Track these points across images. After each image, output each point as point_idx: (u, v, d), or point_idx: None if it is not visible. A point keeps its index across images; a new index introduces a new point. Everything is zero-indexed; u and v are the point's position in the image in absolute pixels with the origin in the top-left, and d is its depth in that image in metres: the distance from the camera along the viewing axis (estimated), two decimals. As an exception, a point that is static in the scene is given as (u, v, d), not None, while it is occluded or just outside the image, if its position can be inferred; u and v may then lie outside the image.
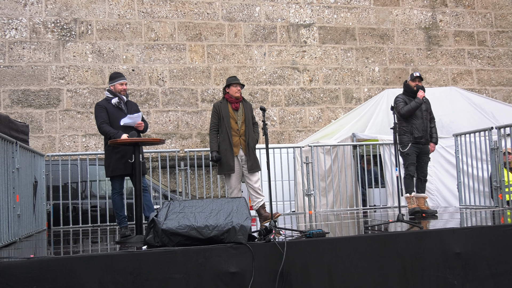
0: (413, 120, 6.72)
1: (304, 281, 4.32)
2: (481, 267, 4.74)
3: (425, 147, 6.81)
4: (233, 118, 6.50)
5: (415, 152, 6.74)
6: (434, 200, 8.99)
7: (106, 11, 11.53)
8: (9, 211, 5.16)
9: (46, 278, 3.87)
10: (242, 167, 6.52)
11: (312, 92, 12.52)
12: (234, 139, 6.46)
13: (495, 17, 13.79)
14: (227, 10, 12.19)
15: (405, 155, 6.76)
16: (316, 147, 8.68)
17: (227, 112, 6.50)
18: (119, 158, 5.76)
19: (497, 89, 13.56)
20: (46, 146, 10.94)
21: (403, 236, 4.74)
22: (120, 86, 5.92)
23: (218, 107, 6.58)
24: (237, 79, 6.65)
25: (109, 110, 5.84)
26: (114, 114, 5.83)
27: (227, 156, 6.42)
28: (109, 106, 5.87)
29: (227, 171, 6.46)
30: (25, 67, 11.03)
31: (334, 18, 12.86)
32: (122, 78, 5.97)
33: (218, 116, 6.54)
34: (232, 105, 6.53)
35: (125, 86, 5.98)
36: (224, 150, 6.44)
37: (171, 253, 4.13)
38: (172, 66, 11.75)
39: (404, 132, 6.73)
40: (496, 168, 7.36)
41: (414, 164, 6.75)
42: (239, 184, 6.58)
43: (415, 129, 6.69)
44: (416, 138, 6.69)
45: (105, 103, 5.89)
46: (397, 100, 6.84)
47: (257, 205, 6.53)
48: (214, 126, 6.58)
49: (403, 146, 6.72)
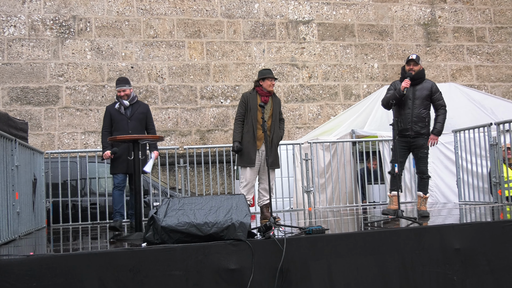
0: (401, 110, 6.03)
1: (303, 277, 4.32)
2: (480, 262, 4.75)
3: (416, 140, 6.01)
4: (260, 111, 6.24)
5: (403, 147, 6.03)
6: (433, 196, 8.99)
7: (105, 8, 11.51)
8: (8, 208, 5.16)
9: (46, 276, 3.87)
10: (261, 161, 6.33)
11: (311, 88, 12.51)
12: (258, 132, 6.25)
13: (494, 13, 13.78)
14: (226, 7, 12.17)
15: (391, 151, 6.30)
16: (316, 143, 8.67)
17: (256, 104, 6.27)
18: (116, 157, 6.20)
19: (496, 85, 13.56)
20: (45, 143, 10.93)
21: (402, 233, 4.75)
22: (119, 93, 6.36)
23: (247, 97, 6.37)
24: (272, 72, 6.42)
25: (113, 114, 6.34)
26: (116, 117, 6.31)
27: (249, 149, 6.24)
28: (114, 110, 6.35)
29: (246, 164, 6.26)
30: (24, 64, 11.01)
31: (333, 14, 12.84)
32: (120, 85, 6.36)
33: (245, 107, 6.33)
34: (262, 98, 6.31)
35: (123, 93, 6.33)
36: (247, 142, 6.25)
37: (171, 250, 4.13)
38: (171, 63, 11.73)
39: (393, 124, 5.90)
40: (496, 164, 7.36)
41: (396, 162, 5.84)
42: (254, 179, 6.39)
43: (401, 121, 5.97)
44: (401, 131, 5.95)
45: (111, 107, 6.40)
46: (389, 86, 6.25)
47: (263, 202, 6.39)
48: (239, 116, 6.36)
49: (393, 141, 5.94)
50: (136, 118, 6.33)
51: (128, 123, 6.26)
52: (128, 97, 6.33)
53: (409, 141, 6.02)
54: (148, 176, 7.91)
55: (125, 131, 6.19)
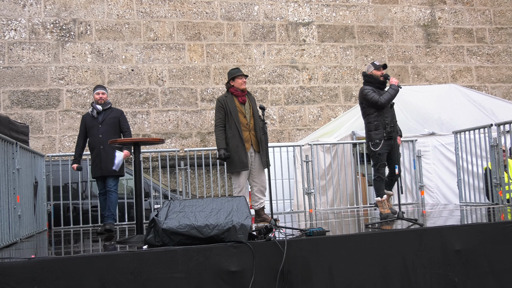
0: (385, 113, 5.95)
1: (304, 279, 4.32)
2: (481, 264, 4.74)
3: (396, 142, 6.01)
4: (241, 112, 6.11)
5: (387, 150, 5.99)
6: (434, 197, 9.00)
7: (105, 11, 11.53)
8: (10, 211, 5.17)
9: (47, 279, 3.87)
10: (251, 164, 6.17)
11: (312, 90, 12.52)
12: (244, 134, 6.08)
13: (494, 14, 13.79)
14: (226, 9, 12.19)
15: (376, 156, 5.96)
16: (316, 145, 8.68)
17: (235, 106, 6.10)
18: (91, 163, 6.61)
19: (497, 86, 13.56)
20: (46, 146, 10.94)
21: (403, 234, 4.75)
22: (97, 96, 6.63)
23: (223, 101, 6.14)
24: (240, 70, 6.27)
25: (87, 120, 6.62)
26: (89, 123, 6.59)
27: (239, 153, 6.03)
28: (88, 116, 6.64)
29: (240, 168, 6.04)
30: (25, 68, 11.03)
31: (333, 16, 12.86)
32: (99, 88, 6.67)
33: (224, 111, 6.11)
34: (239, 98, 6.14)
35: (101, 95, 6.61)
36: (235, 146, 6.04)
37: (172, 252, 4.13)
38: (172, 66, 11.75)
39: (376, 127, 5.94)
40: (496, 165, 7.36)
41: (385, 165, 6.04)
42: (247, 182, 6.25)
43: (387, 123, 5.89)
44: (390, 133, 5.89)
45: (87, 114, 6.69)
46: (366, 91, 6.00)
47: (259, 205, 6.28)
48: (220, 122, 6.13)
49: (375, 144, 5.93)
50: (107, 123, 6.54)
51: (99, 128, 6.50)
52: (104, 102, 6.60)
53: (391, 143, 5.99)
54: (149, 178, 7.92)
55: (96, 136, 6.48)
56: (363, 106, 6.12)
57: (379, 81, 6.09)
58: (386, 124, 5.88)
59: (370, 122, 6.01)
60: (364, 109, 6.11)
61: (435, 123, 9.71)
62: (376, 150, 5.91)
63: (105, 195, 6.55)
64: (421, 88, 11.28)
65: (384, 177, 6.06)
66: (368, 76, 6.17)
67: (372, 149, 5.95)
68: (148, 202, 7.89)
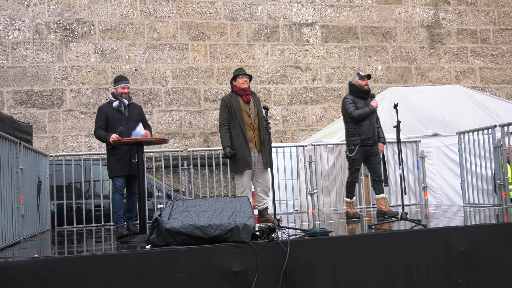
0: (362, 122, 6.48)
1: (307, 279, 4.32)
2: (485, 265, 4.73)
3: (374, 147, 6.55)
4: (245, 111, 6.13)
5: (362, 155, 6.51)
6: (437, 199, 8.98)
7: (108, 11, 11.55)
8: (13, 211, 5.18)
9: (50, 278, 3.88)
10: (254, 164, 6.17)
11: (315, 91, 12.51)
12: (248, 133, 6.09)
13: (498, 14, 13.76)
14: (229, 9, 12.19)
15: (351, 160, 6.53)
16: (319, 146, 8.68)
17: (239, 105, 6.12)
18: (117, 160, 5.93)
19: (501, 87, 13.53)
20: (49, 146, 10.96)
21: (406, 235, 4.74)
22: (122, 90, 6.11)
23: (228, 100, 6.18)
24: (243, 70, 6.32)
25: (110, 113, 6.02)
26: (114, 117, 5.99)
27: (243, 152, 6.03)
28: (110, 109, 6.04)
29: (244, 168, 6.05)
30: (28, 67, 11.06)
31: (336, 16, 12.85)
32: (124, 82, 6.16)
33: (228, 110, 6.14)
34: (243, 97, 6.17)
35: (127, 89, 6.14)
36: (239, 145, 6.04)
37: (175, 252, 4.13)
38: (175, 66, 11.76)
39: (352, 134, 6.50)
40: (500, 166, 7.34)
41: (359, 170, 6.60)
42: (250, 182, 6.23)
43: (363, 132, 6.44)
44: (364, 140, 6.43)
45: (107, 106, 6.08)
46: (345, 101, 6.56)
47: (263, 206, 6.27)
48: (224, 121, 6.15)
49: (350, 150, 6.51)
50: (134, 118, 6.12)
51: (128, 123, 6.02)
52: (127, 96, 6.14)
53: (368, 149, 6.51)
54: (152, 178, 7.93)
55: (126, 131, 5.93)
56: (343, 114, 6.69)
57: (362, 91, 6.59)
58: (362, 132, 6.43)
59: (347, 129, 6.60)
60: (344, 116, 6.69)
61: (438, 124, 9.69)
62: (351, 156, 6.50)
63: (123, 194, 6.04)
64: (424, 89, 11.26)
65: (356, 181, 6.65)
66: (352, 86, 6.67)
67: (348, 154, 6.57)
68: (151, 202, 7.90)
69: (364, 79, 6.59)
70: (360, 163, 6.56)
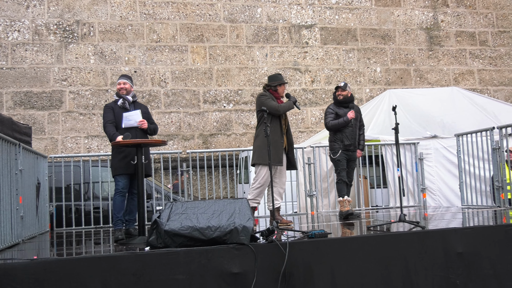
0: (344, 129, 6.97)
1: (306, 281, 4.32)
2: (484, 266, 4.74)
3: (353, 154, 7.06)
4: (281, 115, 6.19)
5: (345, 158, 6.98)
6: (436, 200, 8.99)
7: (108, 13, 11.56)
8: (12, 212, 5.18)
9: (49, 280, 3.88)
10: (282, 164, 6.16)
11: (314, 93, 12.52)
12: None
13: (496, 17, 13.79)
14: (229, 11, 12.21)
15: (336, 161, 7.00)
16: (318, 147, 8.68)
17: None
18: (122, 158, 5.81)
19: (499, 89, 13.55)
20: (48, 147, 10.96)
21: (405, 236, 4.74)
22: (119, 86, 6.03)
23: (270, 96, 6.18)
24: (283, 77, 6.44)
25: (116, 111, 5.95)
26: (120, 115, 5.92)
27: (278, 147, 6.00)
28: (116, 107, 5.98)
29: (276, 163, 5.95)
30: (28, 69, 11.06)
31: (335, 19, 12.87)
32: (121, 78, 6.07)
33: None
34: (278, 101, 6.20)
35: (123, 85, 6.00)
36: (275, 141, 5.98)
37: (174, 254, 4.13)
38: (174, 68, 11.77)
39: (335, 139, 7.01)
40: (498, 168, 7.35)
41: (345, 170, 6.98)
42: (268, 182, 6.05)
43: (345, 137, 6.94)
44: (346, 146, 6.94)
45: (113, 104, 6.02)
46: (327, 111, 7.09)
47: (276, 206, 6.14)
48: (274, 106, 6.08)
49: (334, 152, 7.00)
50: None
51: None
52: (128, 93, 6.02)
53: (350, 154, 7.02)
54: (151, 180, 7.93)
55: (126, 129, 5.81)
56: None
57: (337, 101, 7.09)
58: (344, 138, 6.97)
59: (330, 134, 7.13)
60: None
61: (437, 125, 9.70)
62: (335, 157, 7.00)
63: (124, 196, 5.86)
64: (423, 91, 11.27)
65: (345, 180, 6.97)
66: (334, 95, 7.19)
67: (332, 156, 7.06)
68: (150, 204, 7.90)
69: (338, 90, 7.07)
70: (344, 164, 7.00)
